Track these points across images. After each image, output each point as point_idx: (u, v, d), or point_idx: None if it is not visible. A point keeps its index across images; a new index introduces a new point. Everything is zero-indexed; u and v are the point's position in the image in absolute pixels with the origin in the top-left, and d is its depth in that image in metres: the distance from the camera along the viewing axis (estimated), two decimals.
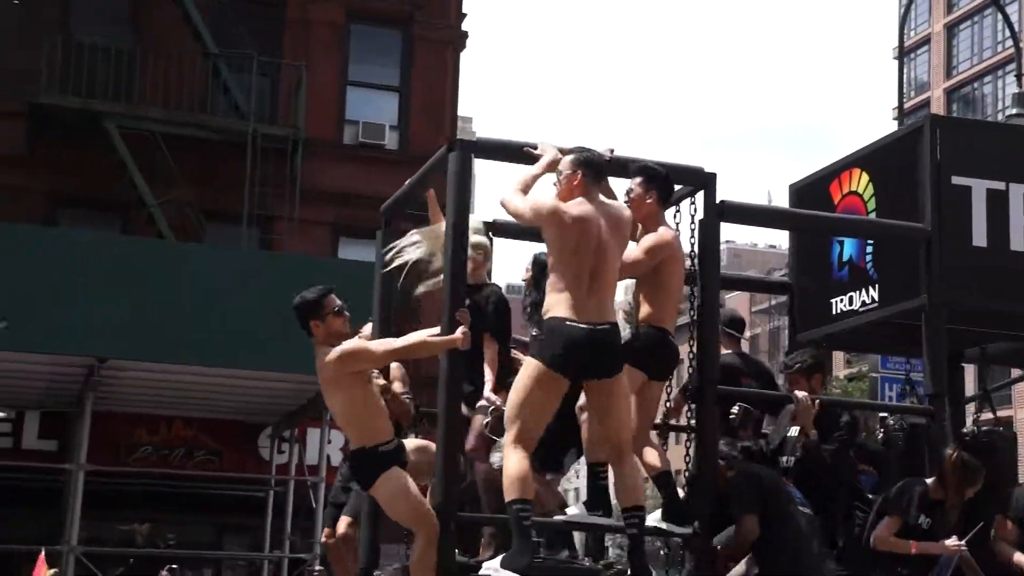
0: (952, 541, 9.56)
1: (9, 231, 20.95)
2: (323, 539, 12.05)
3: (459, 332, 8.55)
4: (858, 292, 10.82)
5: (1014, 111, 28.56)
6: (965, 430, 11.06)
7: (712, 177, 9.53)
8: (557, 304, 8.36)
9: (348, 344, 8.74)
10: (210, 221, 25.80)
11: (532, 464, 9.55)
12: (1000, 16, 38.09)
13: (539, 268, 9.66)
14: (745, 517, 9.20)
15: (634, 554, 8.57)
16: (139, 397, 22.98)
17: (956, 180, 10.22)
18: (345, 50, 28.91)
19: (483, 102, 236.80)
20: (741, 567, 9.45)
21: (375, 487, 8.80)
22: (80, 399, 21.31)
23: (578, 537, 11.08)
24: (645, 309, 9.13)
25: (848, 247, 10.95)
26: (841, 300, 10.99)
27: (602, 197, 8.71)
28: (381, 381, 10.25)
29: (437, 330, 8.94)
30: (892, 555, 9.67)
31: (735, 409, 9.95)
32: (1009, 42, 64.39)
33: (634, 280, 9.33)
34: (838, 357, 64.82)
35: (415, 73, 29.16)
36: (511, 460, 8.35)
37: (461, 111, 30.45)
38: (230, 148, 25.58)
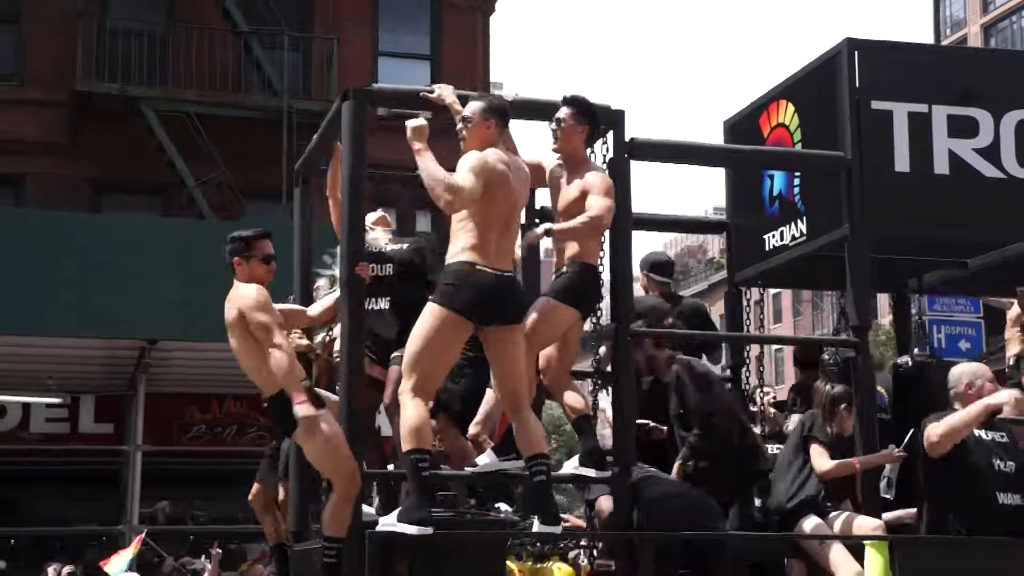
0: (895, 450, 9.50)
1: (56, 219, 21.41)
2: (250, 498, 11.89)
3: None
4: (788, 226, 10.52)
5: None
6: (900, 361, 10.78)
7: (620, 114, 9.34)
8: (465, 249, 8.16)
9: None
10: (249, 199, 25.87)
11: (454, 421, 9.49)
12: None
13: None
14: None
15: (540, 500, 8.38)
16: (190, 377, 23.23)
17: (876, 105, 9.90)
18: (375, 20, 28.83)
19: (514, 67, 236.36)
20: None
21: (298, 431, 8.46)
22: (133, 381, 21.61)
23: None
24: (572, 247, 8.83)
25: (777, 181, 10.66)
26: (773, 236, 10.70)
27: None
28: (304, 341, 10.14)
29: None
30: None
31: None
32: None
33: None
34: (883, 303, 63.80)
35: (445, 40, 29.04)
36: (408, 409, 8.09)
37: (492, 77, 30.21)
38: (265, 125, 25.60)
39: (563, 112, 8.86)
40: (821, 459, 9.51)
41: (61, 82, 25.99)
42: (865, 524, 9.33)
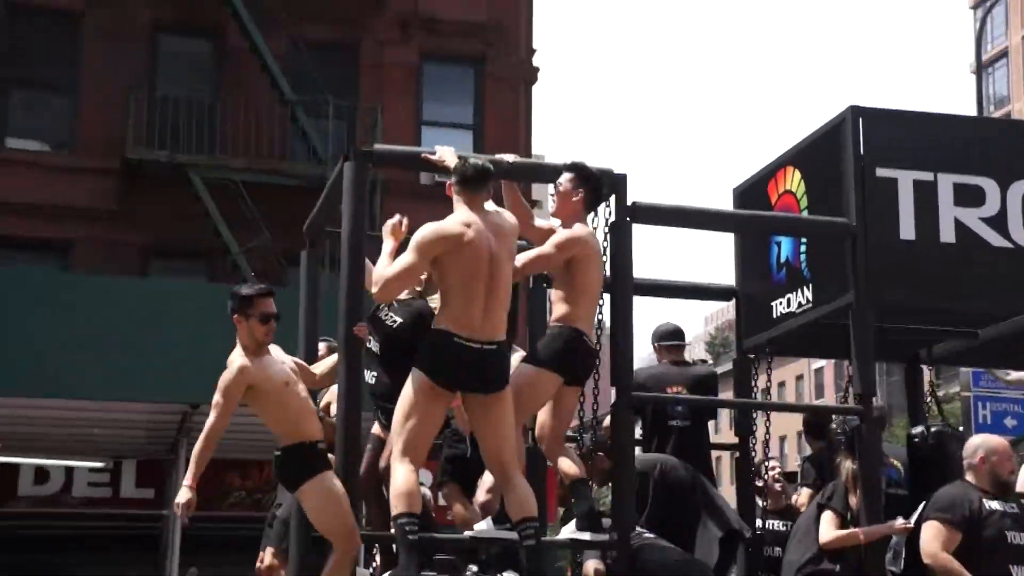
0: (900, 522, 9.43)
1: (104, 284, 21.51)
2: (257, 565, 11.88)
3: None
4: (795, 293, 10.48)
5: None
6: (914, 431, 10.65)
7: (623, 178, 9.35)
8: (445, 317, 8.19)
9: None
10: (292, 265, 25.84)
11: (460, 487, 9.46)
12: None
13: None
14: None
15: (532, 565, 8.33)
16: (231, 442, 23.17)
17: (881, 172, 9.85)
18: (419, 90, 29.12)
19: (556, 137, 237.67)
20: None
21: (303, 489, 8.63)
22: (175, 446, 21.65)
23: None
24: (559, 309, 8.82)
25: (784, 248, 10.63)
26: (780, 303, 10.66)
27: (487, 206, 8.50)
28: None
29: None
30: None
31: None
32: None
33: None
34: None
35: (488, 110, 29.20)
36: (398, 473, 8.11)
37: (534, 147, 30.24)
38: (309, 192, 25.60)
39: (563, 177, 8.91)
40: (829, 526, 9.52)
41: (112, 150, 26.25)
42: None
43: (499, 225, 8.40)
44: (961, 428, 12.75)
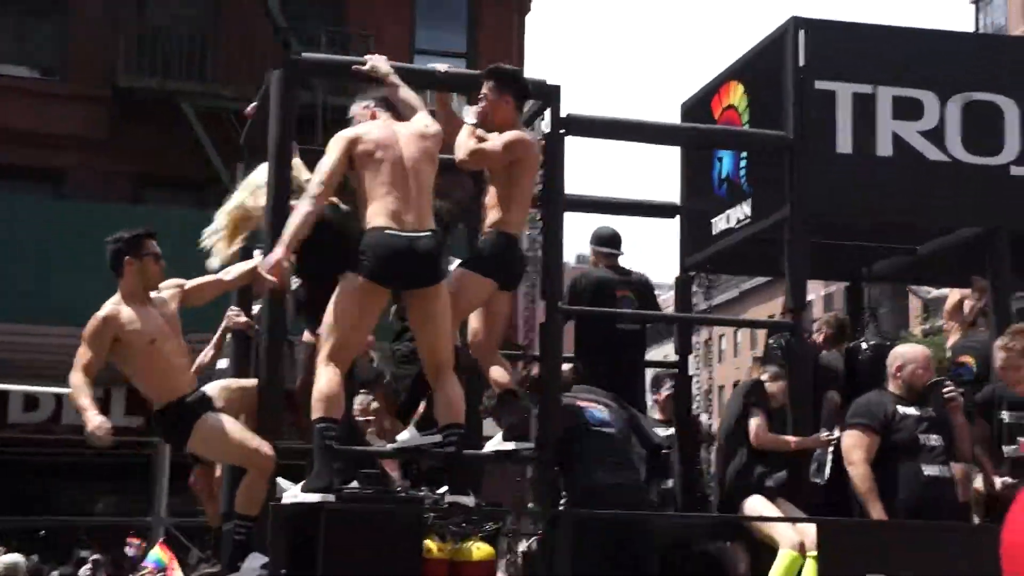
0: (824, 434, 9.62)
1: (98, 212, 21.52)
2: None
3: (272, 258, 8.09)
4: (735, 209, 10.38)
5: None
6: (851, 345, 10.64)
7: (556, 89, 9.30)
8: (375, 214, 8.13)
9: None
10: None
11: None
12: None
13: None
14: None
15: (450, 472, 8.31)
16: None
17: (820, 84, 9.72)
18: (411, 17, 28.89)
19: (549, 64, 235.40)
20: None
21: (191, 442, 8.54)
22: None
23: None
24: (494, 214, 8.70)
25: (726, 163, 10.52)
26: (720, 219, 10.56)
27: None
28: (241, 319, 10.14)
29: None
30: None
31: None
32: None
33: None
34: (915, 311, 63.80)
35: (481, 37, 28.94)
36: (322, 377, 8.06)
37: (528, 74, 30.01)
38: (301, 121, 25.49)
39: (484, 87, 8.81)
40: (758, 427, 9.56)
41: (102, 78, 26.19)
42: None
43: (420, 130, 8.39)
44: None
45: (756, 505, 9.41)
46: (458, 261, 9.33)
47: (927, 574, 8.44)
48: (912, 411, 9.35)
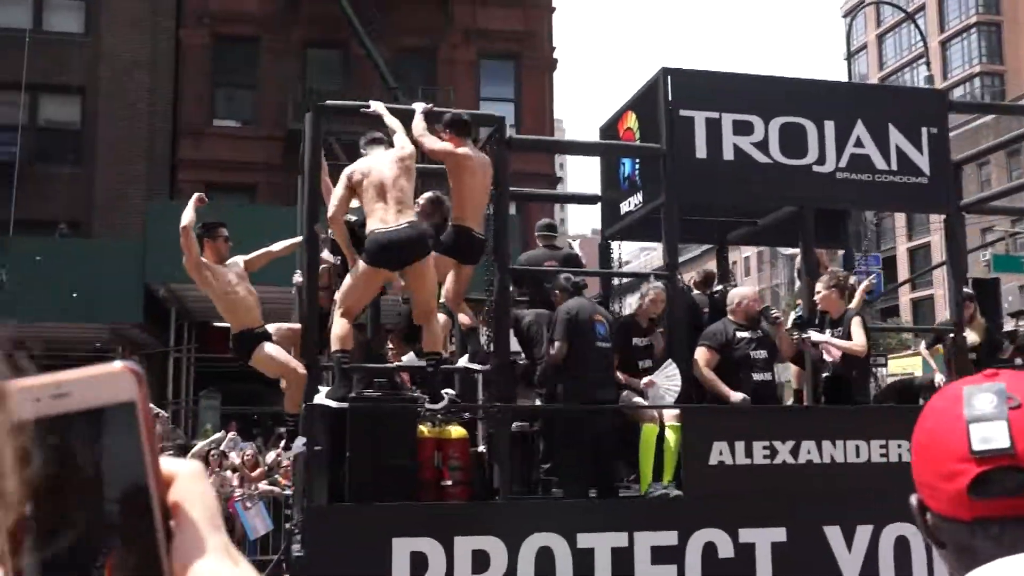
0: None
1: (278, 213, 20.95)
2: None
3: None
4: (633, 197, 10.01)
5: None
6: (715, 289, 10.23)
7: (501, 119, 9.12)
8: (371, 223, 7.97)
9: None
10: None
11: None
12: (913, 26, 37.06)
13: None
14: (557, 344, 8.64)
15: (429, 384, 8.11)
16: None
17: (683, 112, 9.34)
18: (477, 76, 28.61)
19: (572, 107, 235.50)
20: None
21: (253, 359, 8.54)
22: None
23: None
24: (453, 214, 8.54)
25: (627, 167, 10.20)
26: (625, 204, 10.21)
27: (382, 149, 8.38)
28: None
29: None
30: None
31: None
32: (920, 44, 63.76)
33: None
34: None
35: (524, 89, 28.74)
36: (338, 324, 8.03)
37: (556, 114, 29.87)
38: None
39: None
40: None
41: (279, 124, 26.12)
42: None
43: (397, 153, 8.17)
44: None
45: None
46: None
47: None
48: (746, 334, 9.03)
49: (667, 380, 8.66)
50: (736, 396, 8.70)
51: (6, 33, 26.08)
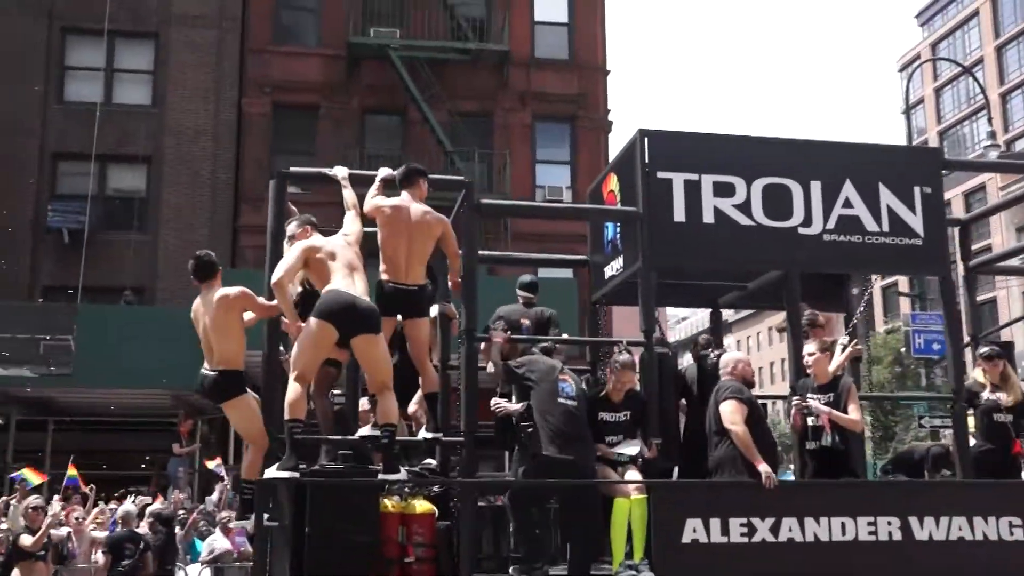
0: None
1: None
2: None
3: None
4: (616, 261, 9.67)
5: (988, 142, 25.64)
6: (710, 355, 9.69)
7: (470, 184, 8.98)
8: (326, 287, 7.84)
9: (239, 290, 8.22)
10: None
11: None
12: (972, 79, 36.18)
13: None
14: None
15: (385, 456, 7.79)
16: None
17: (661, 175, 8.97)
18: (533, 140, 28.51)
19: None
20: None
21: (230, 403, 8.15)
22: None
23: None
24: (381, 269, 8.29)
25: (610, 230, 9.87)
26: (608, 268, 9.88)
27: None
28: None
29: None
30: None
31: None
32: (979, 97, 64.34)
33: None
34: (878, 316, 61.86)
35: (580, 150, 28.54)
36: (291, 391, 7.72)
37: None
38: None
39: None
40: None
41: (338, 188, 26.22)
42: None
43: (344, 237, 8.18)
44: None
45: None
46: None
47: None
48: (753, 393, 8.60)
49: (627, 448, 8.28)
50: (764, 468, 8.11)
51: (80, 107, 26.80)
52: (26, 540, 13.13)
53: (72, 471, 16.87)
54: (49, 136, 26.85)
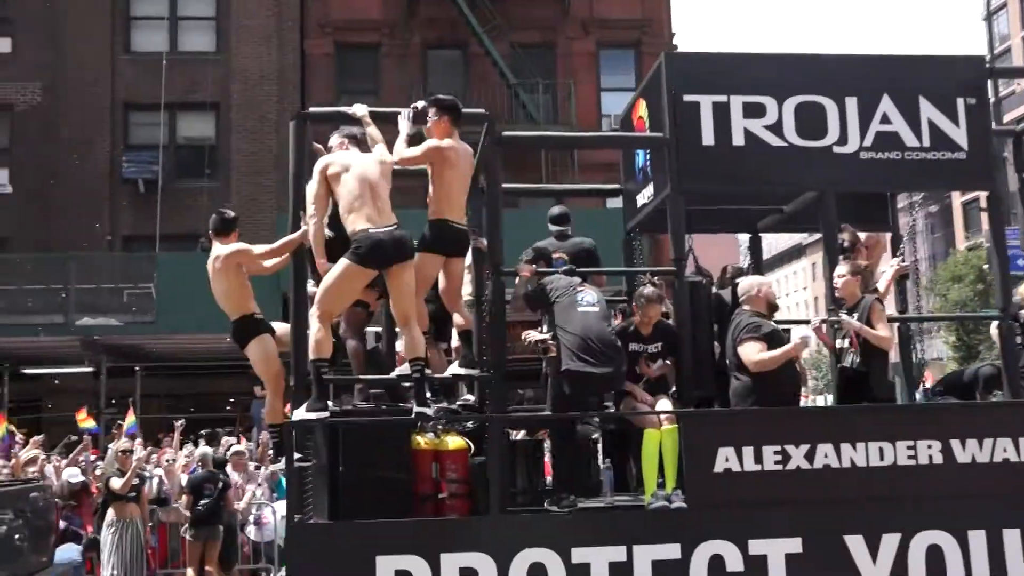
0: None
1: None
2: None
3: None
4: (646, 188, 9.43)
5: None
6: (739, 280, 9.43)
7: (490, 117, 8.74)
8: (356, 221, 7.62)
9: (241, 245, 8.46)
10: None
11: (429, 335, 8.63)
12: None
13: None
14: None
15: (417, 393, 7.72)
16: None
17: (688, 98, 8.67)
18: (597, 68, 28.06)
19: None
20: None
21: (247, 348, 8.33)
22: None
23: None
24: (431, 207, 8.15)
25: (640, 158, 9.61)
26: (640, 196, 9.63)
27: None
28: None
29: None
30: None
31: None
32: None
33: None
34: (959, 232, 59.30)
35: (644, 77, 27.70)
36: (315, 329, 7.70)
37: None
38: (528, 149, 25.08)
39: (429, 111, 8.22)
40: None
41: None
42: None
43: (377, 157, 7.97)
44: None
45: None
46: None
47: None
48: (772, 324, 8.41)
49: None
50: (799, 334, 8.07)
51: (146, 57, 27.07)
52: (116, 483, 13.57)
53: (131, 418, 17.21)
54: (119, 87, 27.20)
